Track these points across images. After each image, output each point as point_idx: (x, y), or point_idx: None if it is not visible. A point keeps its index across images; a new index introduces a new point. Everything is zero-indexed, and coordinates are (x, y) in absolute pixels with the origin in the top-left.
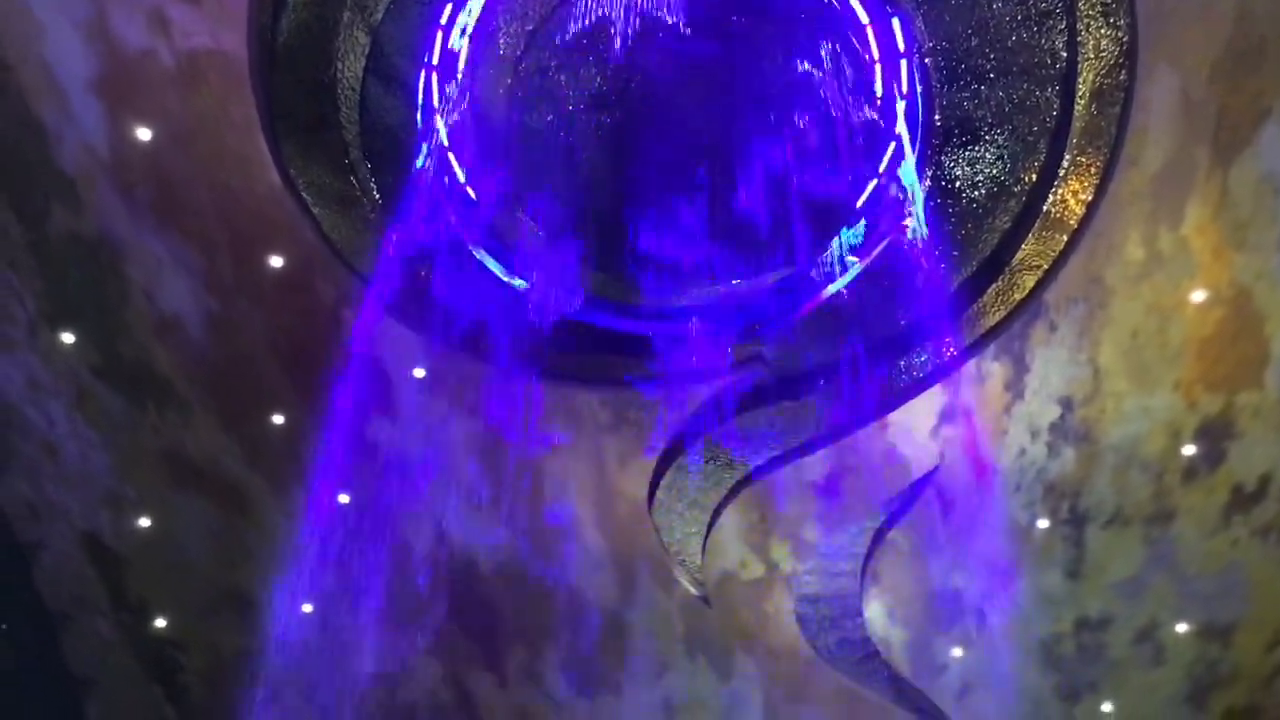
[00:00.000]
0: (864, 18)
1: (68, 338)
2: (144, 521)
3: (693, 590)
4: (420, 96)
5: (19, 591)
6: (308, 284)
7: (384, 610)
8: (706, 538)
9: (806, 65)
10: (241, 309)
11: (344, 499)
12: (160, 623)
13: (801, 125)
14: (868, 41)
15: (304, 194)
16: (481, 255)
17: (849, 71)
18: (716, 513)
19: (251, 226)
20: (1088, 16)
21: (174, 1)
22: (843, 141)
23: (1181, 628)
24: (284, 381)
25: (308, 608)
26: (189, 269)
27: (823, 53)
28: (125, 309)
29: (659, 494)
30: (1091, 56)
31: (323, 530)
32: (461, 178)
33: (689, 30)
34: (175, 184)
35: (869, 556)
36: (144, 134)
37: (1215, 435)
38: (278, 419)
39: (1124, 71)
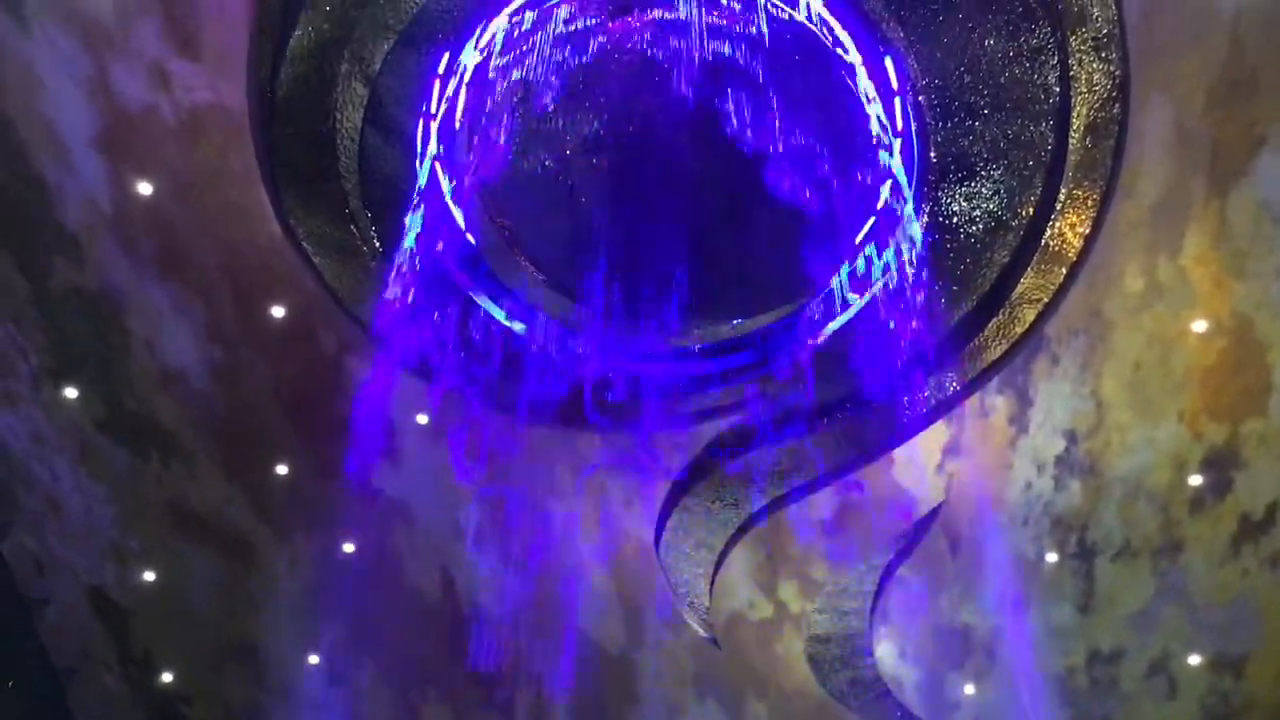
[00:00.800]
0: (856, 57)
1: (71, 392)
2: (149, 575)
3: (701, 632)
4: (419, 145)
5: (25, 646)
6: (310, 333)
7: (392, 659)
8: (714, 578)
9: (801, 103)
10: (244, 359)
11: (349, 548)
12: (167, 676)
13: (799, 165)
14: (860, 80)
15: (305, 244)
16: (482, 300)
17: (844, 109)
18: (723, 553)
19: (253, 277)
20: (1079, 51)
21: (175, 56)
22: (840, 179)
23: (1194, 659)
24: (287, 430)
25: (314, 659)
26: (191, 321)
27: (818, 91)
28: (128, 362)
29: (665, 535)
30: (1084, 90)
31: (328, 580)
32: (461, 224)
33: (685, 71)
34: (177, 237)
35: (878, 594)
36: (145, 188)
37: (1221, 465)
38: (282, 468)
39: (1117, 104)
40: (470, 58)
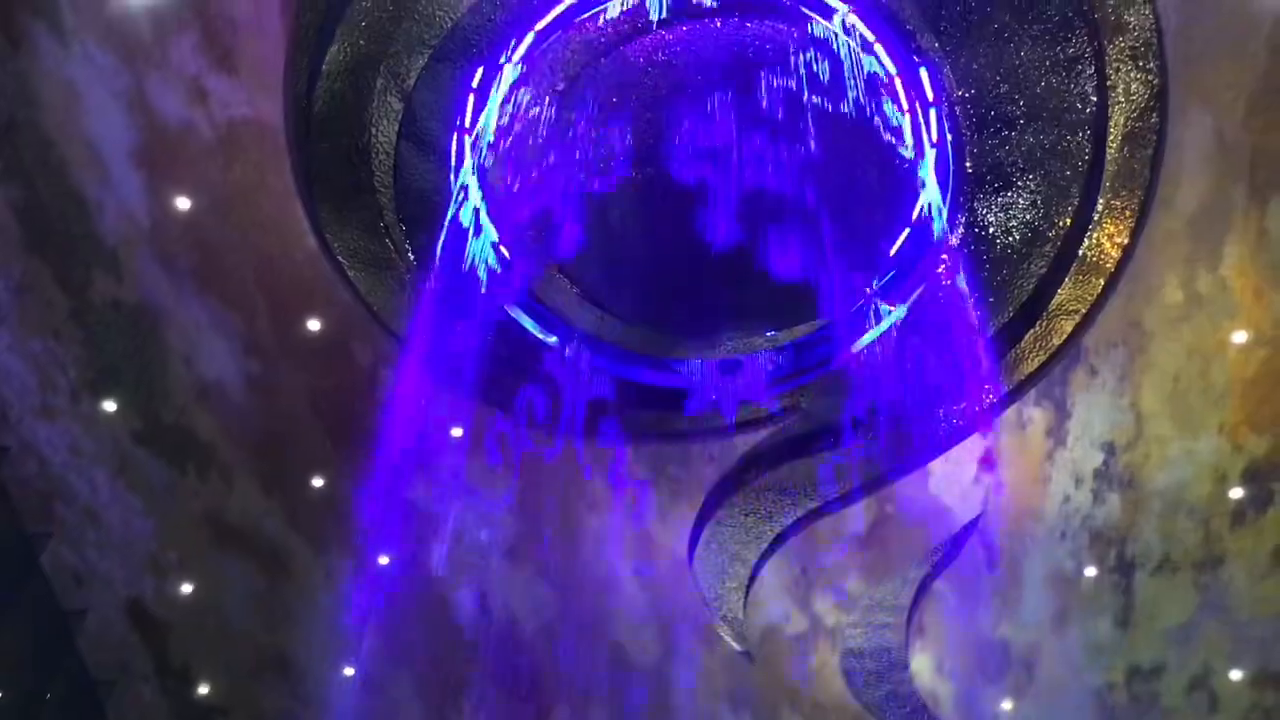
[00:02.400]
0: (891, 68)
1: (109, 405)
2: (186, 587)
3: (736, 645)
4: (453, 159)
5: (64, 658)
6: (345, 346)
7: (427, 672)
8: (748, 592)
9: (837, 115)
10: (281, 372)
11: (384, 560)
12: (204, 688)
13: (833, 176)
14: (896, 92)
15: (340, 258)
16: (516, 313)
17: (880, 121)
18: (757, 566)
19: (289, 291)
20: (1116, 60)
21: (212, 73)
22: (876, 190)
23: (1235, 675)
24: (323, 443)
25: (349, 671)
26: (228, 334)
27: (853, 104)
28: (166, 375)
29: (699, 549)
30: (1122, 100)
31: (364, 592)
32: (495, 237)
33: (717, 85)
34: (214, 251)
35: (914, 608)
36: (183, 203)
37: (1263, 477)
38: (318, 481)
39: (1155, 114)
40: (504, 72)
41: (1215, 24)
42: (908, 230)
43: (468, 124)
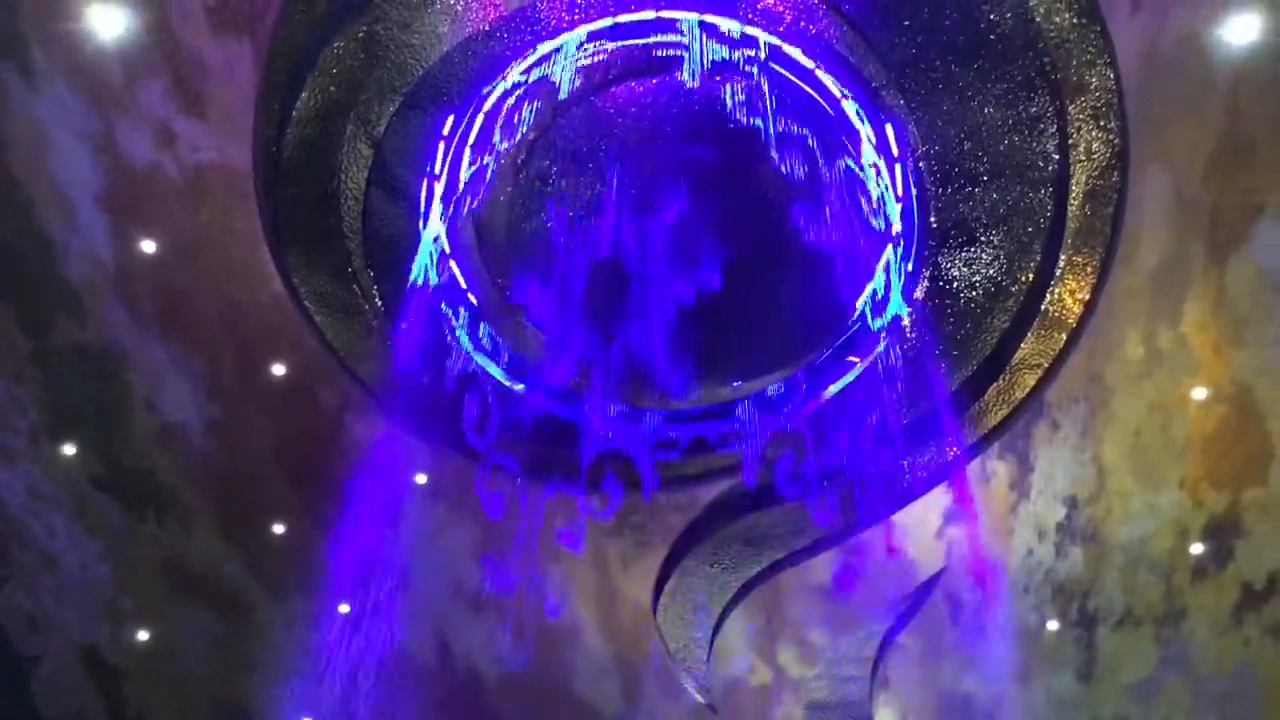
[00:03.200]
0: (858, 124)
1: (69, 448)
2: (143, 634)
3: (699, 698)
4: (422, 206)
5: (16, 705)
6: (310, 391)
7: None
8: (712, 643)
9: (804, 170)
10: (244, 417)
11: (345, 609)
12: None
13: (801, 229)
14: (862, 147)
15: (307, 303)
16: (483, 360)
17: (846, 176)
18: (722, 617)
19: (255, 335)
20: (1078, 120)
21: (181, 116)
22: (841, 245)
23: None
24: (286, 489)
25: None
26: (192, 378)
27: (820, 158)
28: (127, 418)
29: (663, 598)
30: (1083, 158)
31: (324, 641)
32: (463, 284)
33: (687, 137)
34: (179, 294)
35: (878, 660)
36: (149, 246)
37: (1223, 533)
38: (279, 527)
39: (1116, 172)
40: (475, 120)
41: (1175, 85)
42: (873, 284)
43: (438, 171)
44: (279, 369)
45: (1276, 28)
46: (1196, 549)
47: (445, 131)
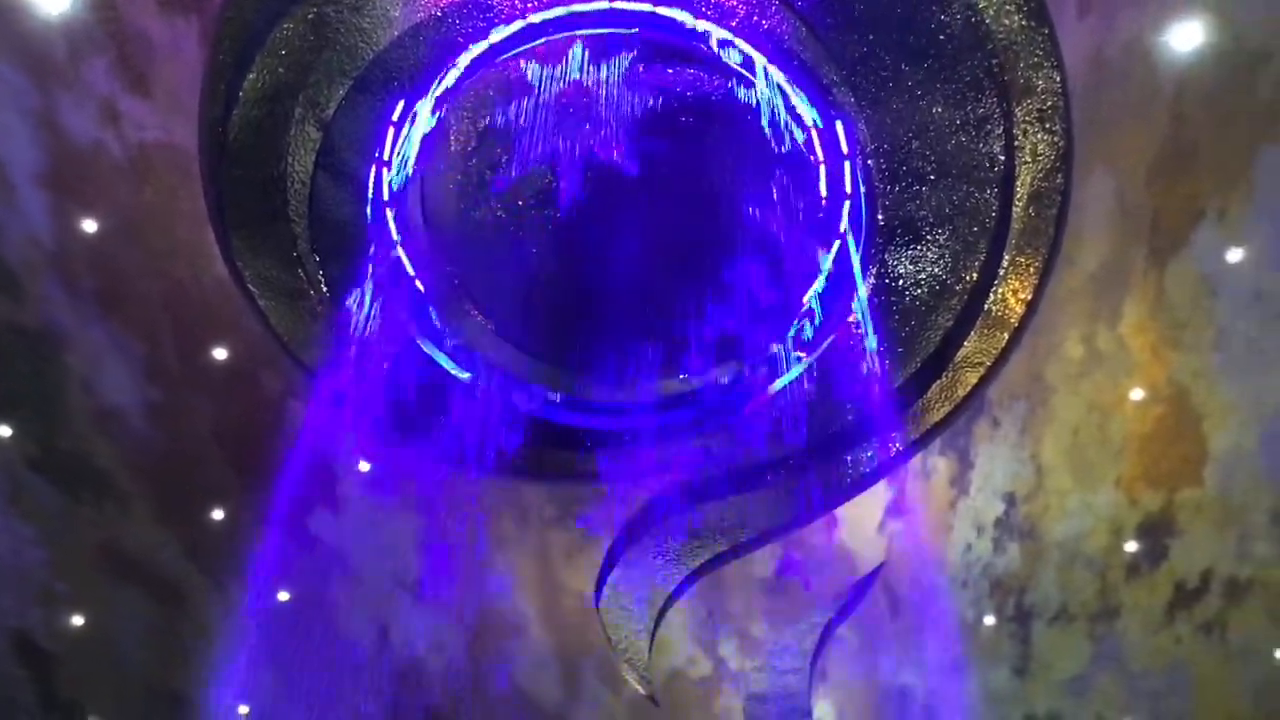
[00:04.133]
0: (809, 120)
1: (4, 430)
2: (77, 619)
3: (640, 689)
4: (370, 191)
5: None
6: (253, 376)
7: (325, 710)
8: (654, 634)
9: (756, 164)
10: (184, 400)
11: (284, 596)
12: None
13: (749, 224)
14: (813, 144)
15: (251, 286)
16: (429, 348)
17: (795, 172)
18: (664, 609)
19: (197, 318)
20: (1024, 122)
21: (125, 94)
22: (789, 239)
23: None
24: (226, 474)
25: (244, 709)
26: (132, 359)
27: (770, 154)
28: (65, 400)
29: (606, 590)
30: (1029, 160)
31: (262, 628)
32: (410, 271)
33: (639, 131)
34: (121, 275)
35: (817, 653)
36: (90, 225)
37: (1157, 532)
38: (218, 513)
39: (1061, 175)
40: (425, 106)
41: (1120, 90)
42: (820, 279)
43: (386, 157)
44: (221, 353)
45: (1220, 35)
46: (1131, 547)
47: (395, 117)
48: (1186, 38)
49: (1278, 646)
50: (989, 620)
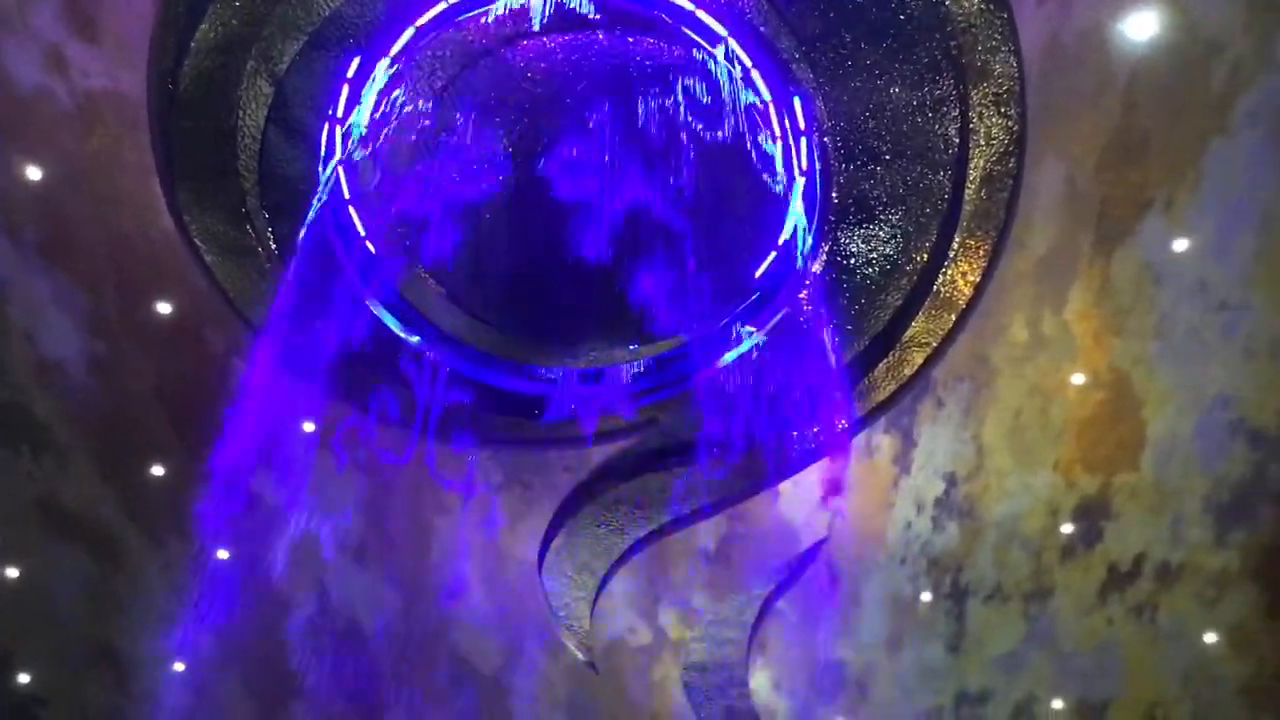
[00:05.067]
0: (767, 95)
1: None
2: (12, 571)
3: (580, 656)
4: (323, 149)
5: None
6: (197, 332)
7: (260, 671)
8: (595, 603)
9: (711, 137)
10: (127, 355)
11: (224, 554)
12: (24, 677)
13: (704, 196)
14: (770, 118)
15: (197, 241)
16: (378, 309)
17: (752, 146)
18: (606, 578)
19: (141, 271)
20: (980, 105)
21: (73, 40)
22: (743, 214)
23: (1057, 704)
24: (168, 431)
25: (180, 666)
26: (74, 312)
27: (727, 127)
28: (4, 351)
29: (549, 556)
30: (982, 143)
31: (200, 586)
32: (361, 231)
33: (596, 98)
34: (64, 225)
35: (756, 625)
36: (34, 173)
37: (1093, 515)
38: (159, 469)
39: (1013, 159)
40: (382, 65)
41: (1075, 77)
42: (773, 255)
43: (340, 114)
44: (165, 307)
45: (1174, 25)
46: (1067, 529)
47: (350, 74)
48: (1141, 27)
49: (1206, 630)
50: (926, 597)
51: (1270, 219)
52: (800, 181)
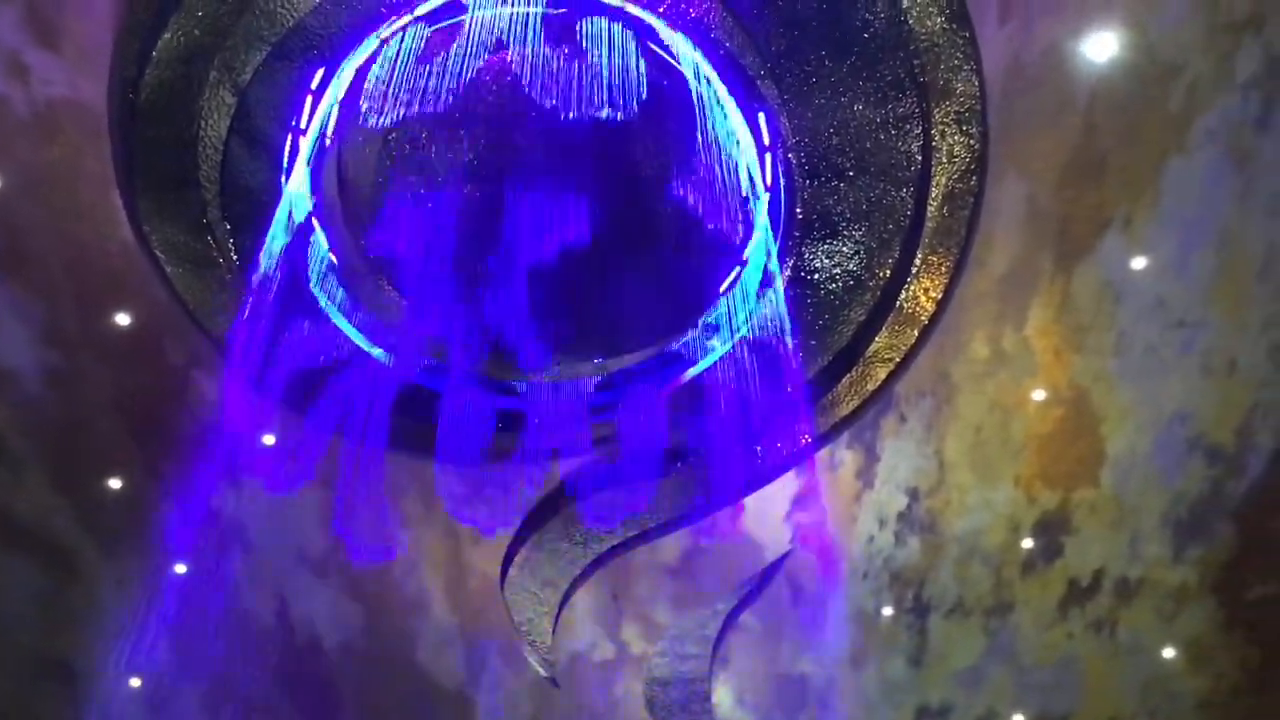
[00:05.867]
0: (733, 111)
1: None
2: None
3: (542, 671)
4: (285, 160)
5: None
6: (157, 344)
7: (218, 687)
8: (558, 617)
9: (676, 152)
10: (84, 366)
11: (181, 569)
12: None
13: (667, 211)
14: (735, 134)
15: (158, 252)
16: (340, 322)
17: (717, 162)
18: (569, 592)
19: (100, 282)
20: (942, 123)
21: (33, 47)
22: (706, 230)
23: (1018, 718)
24: (125, 443)
25: (135, 682)
26: (30, 322)
27: (692, 142)
28: None
29: (511, 571)
30: (945, 161)
31: (156, 601)
32: (324, 244)
33: (560, 112)
34: (21, 234)
35: (719, 640)
36: None
37: (1053, 530)
38: (115, 482)
39: (975, 177)
40: (345, 76)
41: (1037, 97)
42: (738, 269)
43: (303, 125)
44: (124, 319)
45: (1134, 47)
46: (1027, 544)
47: (314, 85)
48: (1101, 48)
49: (1165, 645)
50: (887, 611)
51: (1227, 237)
52: (765, 197)
